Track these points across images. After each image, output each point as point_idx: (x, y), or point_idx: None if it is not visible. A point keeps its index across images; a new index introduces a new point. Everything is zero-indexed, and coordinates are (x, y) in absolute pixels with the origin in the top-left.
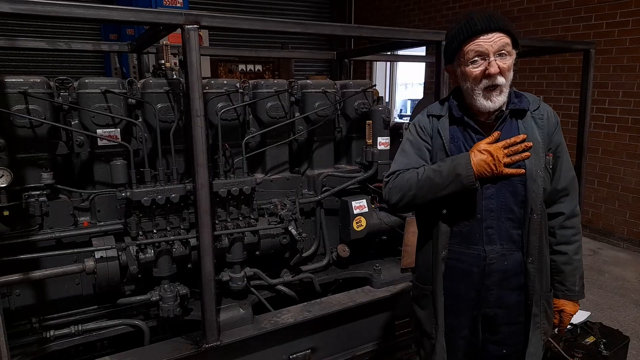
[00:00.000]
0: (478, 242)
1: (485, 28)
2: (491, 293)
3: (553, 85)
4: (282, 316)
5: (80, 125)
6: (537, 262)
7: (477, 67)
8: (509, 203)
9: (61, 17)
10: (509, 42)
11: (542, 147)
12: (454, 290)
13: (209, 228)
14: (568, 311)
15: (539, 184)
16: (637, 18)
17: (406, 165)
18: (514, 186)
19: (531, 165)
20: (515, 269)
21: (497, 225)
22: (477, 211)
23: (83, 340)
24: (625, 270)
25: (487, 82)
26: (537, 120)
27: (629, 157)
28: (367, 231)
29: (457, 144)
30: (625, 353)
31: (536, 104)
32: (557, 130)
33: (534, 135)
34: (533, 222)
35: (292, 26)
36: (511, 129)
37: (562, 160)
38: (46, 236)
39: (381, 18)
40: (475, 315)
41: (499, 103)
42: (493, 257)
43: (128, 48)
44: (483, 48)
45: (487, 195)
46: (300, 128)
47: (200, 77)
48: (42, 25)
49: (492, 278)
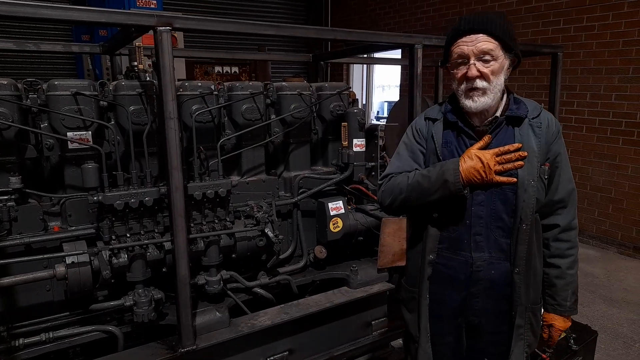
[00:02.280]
0: (466, 248)
1: (467, 29)
2: (476, 301)
3: (523, 87)
4: (259, 318)
5: (50, 128)
6: (523, 273)
7: (459, 68)
8: (499, 211)
9: (28, 18)
10: (495, 46)
11: (538, 157)
12: (440, 295)
13: (184, 231)
14: (557, 326)
15: (530, 193)
16: (603, 23)
17: (399, 168)
18: (505, 194)
19: (524, 175)
20: (502, 279)
21: (486, 232)
22: (466, 217)
23: (55, 347)
24: (594, 267)
25: (467, 85)
26: (535, 128)
27: (597, 157)
28: (343, 232)
29: (450, 148)
30: (593, 347)
31: (536, 111)
32: (556, 140)
33: (529, 143)
34: (522, 232)
35: (266, 29)
36: (506, 136)
37: (561, 171)
38: (15, 242)
39: (358, 21)
40: (460, 322)
41: (482, 104)
42: (480, 265)
43: (100, 49)
44: (463, 50)
45: (477, 202)
46: (276, 130)
47: (174, 79)
48: (11, 26)
49: (478, 286)
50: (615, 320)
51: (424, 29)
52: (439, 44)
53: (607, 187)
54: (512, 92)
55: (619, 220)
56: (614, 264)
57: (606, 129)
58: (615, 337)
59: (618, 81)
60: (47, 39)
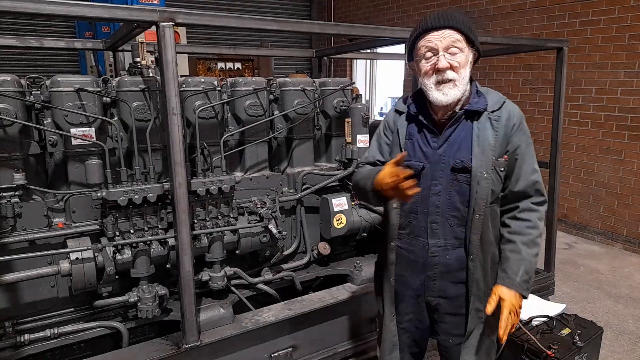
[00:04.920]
0: (423, 234)
1: (435, 25)
2: (433, 283)
3: (528, 82)
4: (263, 315)
5: (53, 124)
6: (479, 261)
7: (428, 61)
8: (454, 201)
9: (30, 14)
10: (461, 39)
11: (494, 150)
12: (403, 277)
13: (187, 227)
14: (506, 299)
15: (483, 185)
16: (609, 17)
17: (366, 159)
18: (461, 186)
19: (477, 167)
20: (457, 264)
21: (442, 221)
22: (424, 206)
23: (59, 343)
24: (600, 263)
25: (437, 77)
26: (493, 122)
27: (602, 153)
28: (347, 228)
29: (412, 140)
30: (599, 343)
31: (497, 104)
32: (516, 132)
33: (486, 137)
34: (475, 222)
35: (269, 23)
36: (465, 130)
37: (522, 163)
38: (19, 238)
39: (361, 16)
40: (420, 302)
41: (452, 96)
42: (435, 251)
43: (102, 45)
44: (432, 43)
45: (434, 192)
46: (280, 126)
47: (177, 74)
48: (14, 22)
49: (434, 270)
50: (620, 316)
51: None
52: None
53: (613, 183)
54: (475, 82)
55: (624, 216)
56: (620, 260)
57: (612, 124)
58: (621, 333)
59: (624, 76)
60: (50, 36)
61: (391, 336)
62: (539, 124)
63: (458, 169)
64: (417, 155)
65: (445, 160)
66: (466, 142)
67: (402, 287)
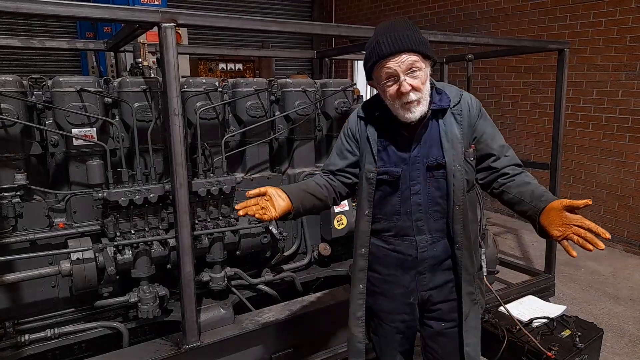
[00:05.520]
0: (410, 233)
1: (391, 51)
2: (424, 277)
3: (529, 84)
4: (263, 315)
5: (55, 124)
6: (464, 248)
7: (390, 86)
8: (434, 197)
9: (32, 14)
10: (418, 59)
11: (462, 143)
12: (393, 276)
13: (188, 228)
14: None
15: (458, 178)
16: (610, 19)
17: (326, 165)
18: (438, 182)
19: (450, 161)
20: (444, 254)
21: (425, 217)
22: (406, 206)
23: (60, 343)
24: (601, 265)
25: (403, 99)
26: (456, 116)
27: (603, 155)
28: (348, 229)
29: (384, 145)
30: (599, 345)
31: (456, 99)
32: (479, 119)
33: (453, 131)
34: (456, 212)
35: (270, 24)
36: (433, 128)
37: (490, 141)
38: (20, 238)
39: (362, 17)
40: (412, 301)
41: (419, 112)
42: (424, 246)
43: (104, 46)
44: (392, 70)
45: (414, 191)
46: (281, 127)
47: (178, 75)
48: (16, 23)
49: (424, 264)
50: (621, 318)
51: (429, 25)
52: (445, 40)
53: (614, 185)
54: (431, 80)
55: (625, 217)
56: (620, 261)
57: (613, 125)
58: (621, 335)
59: (625, 77)
60: (51, 36)
61: (355, 342)
62: (539, 126)
63: (433, 166)
64: (393, 160)
65: (420, 160)
66: (436, 140)
67: (391, 288)
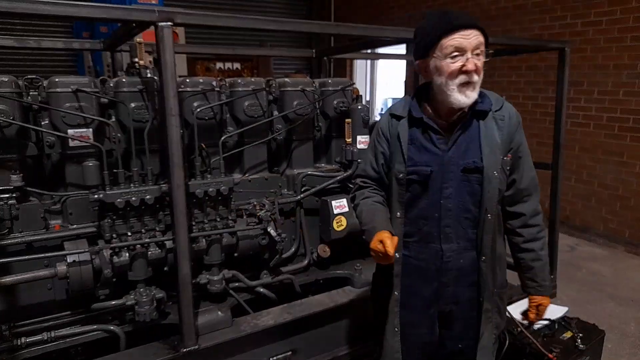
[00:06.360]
0: (435, 240)
1: (464, 24)
2: (447, 289)
3: (530, 83)
4: (262, 318)
5: (51, 125)
6: (489, 261)
7: (455, 62)
8: (466, 203)
9: (28, 14)
10: (483, 42)
11: (501, 149)
12: (412, 287)
13: (185, 230)
14: (545, 304)
15: (494, 185)
16: (611, 18)
17: (364, 170)
18: (472, 187)
19: (488, 166)
20: (470, 267)
21: (454, 224)
22: (435, 210)
23: (56, 347)
24: (602, 266)
25: (464, 78)
26: (498, 121)
27: (605, 154)
28: (347, 231)
29: (416, 145)
30: (601, 346)
31: (499, 104)
32: (518, 130)
33: (493, 136)
34: (487, 222)
35: (268, 23)
36: (472, 130)
37: (523, 160)
38: (16, 240)
39: (363, 17)
40: (432, 313)
41: (472, 99)
42: (450, 255)
43: (100, 46)
44: (462, 44)
45: (445, 195)
46: (279, 127)
47: (175, 75)
48: (11, 23)
49: (448, 275)
50: (622, 319)
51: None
52: None
53: (615, 185)
54: None
55: (626, 218)
56: (622, 262)
57: (614, 125)
58: (623, 336)
59: (626, 77)
60: (47, 36)
61: (393, 352)
62: (541, 125)
63: (470, 169)
64: (423, 159)
65: (454, 161)
66: (474, 143)
67: (410, 299)
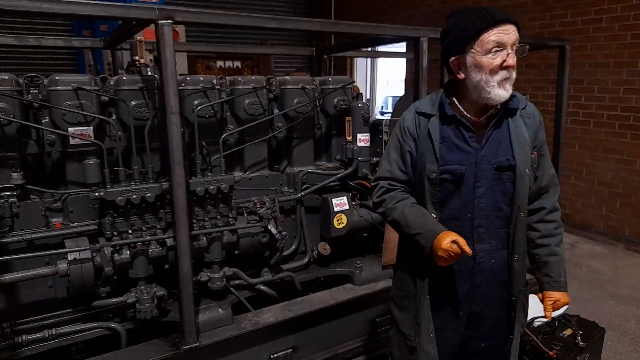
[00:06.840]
0: (468, 240)
1: (504, 19)
2: (480, 290)
3: (531, 81)
4: (262, 316)
5: (51, 123)
6: (522, 259)
7: (496, 57)
8: (498, 201)
9: (28, 12)
10: (519, 38)
11: (530, 146)
12: (443, 290)
13: (186, 228)
14: (563, 300)
15: (526, 182)
16: (611, 15)
17: (389, 172)
18: (505, 185)
19: (521, 164)
20: (501, 267)
21: (487, 223)
22: (468, 210)
23: (57, 344)
24: (602, 264)
25: (504, 74)
26: (526, 119)
27: (605, 152)
28: (348, 228)
29: (448, 143)
30: (601, 344)
31: (524, 102)
32: (540, 128)
33: (522, 134)
34: (520, 220)
35: (269, 21)
36: (502, 128)
37: (545, 158)
38: (17, 238)
39: (364, 15)
40: (462, 315)
41: (510, 93)
42: (482, 256)
43: (101, 44)
44: (502, 39)
45: (478, 195)
46: (279, 125)
47: (176, 73)
48: (12, 21)
49: (481, 276)
50: (622, 317)
51: (428, 21)
52: None
53: (615, 183)
54: None
55: (626, 216)
56: (622, 260)
57: (614, 123)
58: (623, 334)
59: (626, 75)
60: (48, 34)
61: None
62: None
63: (503, 167)
64: (456, 158)
65: (487, 159)
66: (504, 140)
67: (439, 301)
